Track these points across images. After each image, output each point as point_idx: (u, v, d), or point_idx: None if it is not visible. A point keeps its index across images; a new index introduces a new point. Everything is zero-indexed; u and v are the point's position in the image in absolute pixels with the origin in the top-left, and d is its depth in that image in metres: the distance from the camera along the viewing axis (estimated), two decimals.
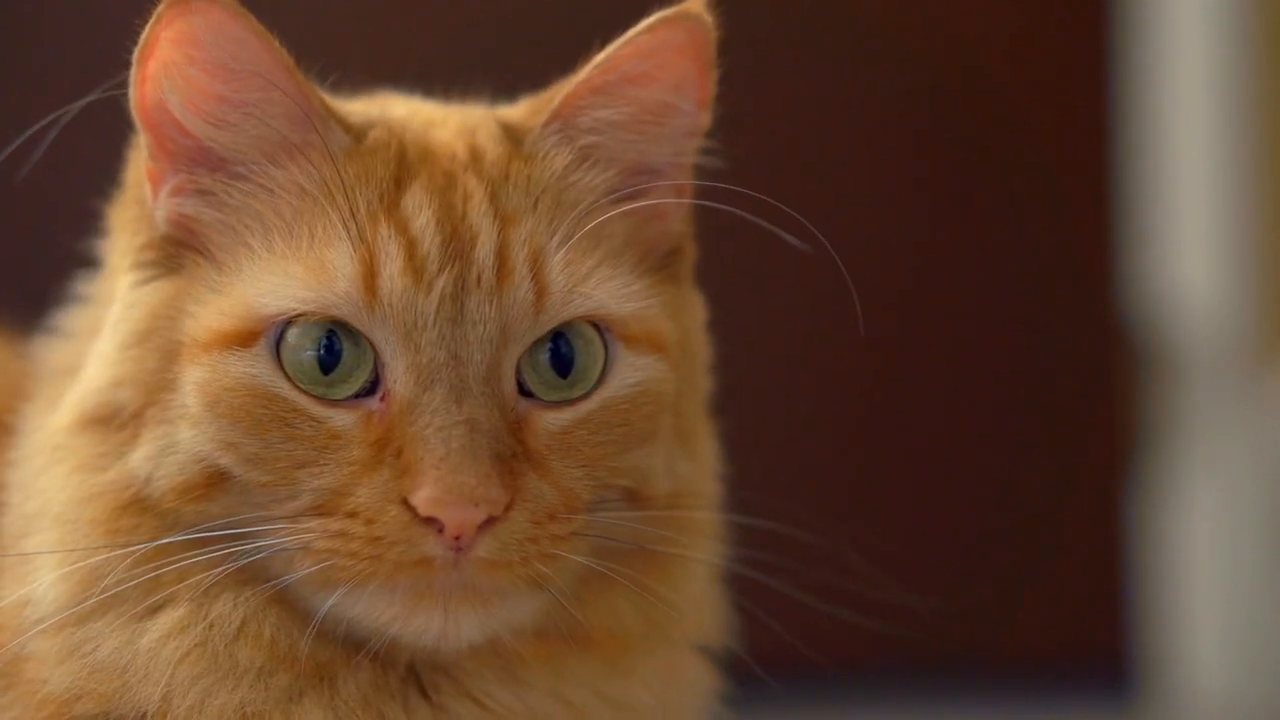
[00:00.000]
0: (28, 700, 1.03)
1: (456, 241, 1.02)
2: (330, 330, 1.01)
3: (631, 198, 1.07)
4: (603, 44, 1.07)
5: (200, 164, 1.05)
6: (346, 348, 1.02)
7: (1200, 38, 2.49)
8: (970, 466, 2.51)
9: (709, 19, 1.07)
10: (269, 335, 1.02)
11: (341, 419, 1.01)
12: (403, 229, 1.02)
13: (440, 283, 1.01)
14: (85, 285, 1.13)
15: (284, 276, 1.02)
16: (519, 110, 1.13)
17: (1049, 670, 2.47)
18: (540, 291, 1.02)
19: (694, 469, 1.11)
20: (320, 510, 1.00)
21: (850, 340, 2.45)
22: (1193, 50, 2.49)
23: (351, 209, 1.02)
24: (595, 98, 1.07)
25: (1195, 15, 2.49)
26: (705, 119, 1.09)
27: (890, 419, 2.50)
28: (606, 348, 1.05)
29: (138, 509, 1.04)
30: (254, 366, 1.01)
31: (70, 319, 1.13)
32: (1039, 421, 2.51)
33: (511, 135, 1.08)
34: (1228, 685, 2.45)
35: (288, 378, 1.01)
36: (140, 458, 1.04)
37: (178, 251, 1.06)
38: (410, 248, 1.01)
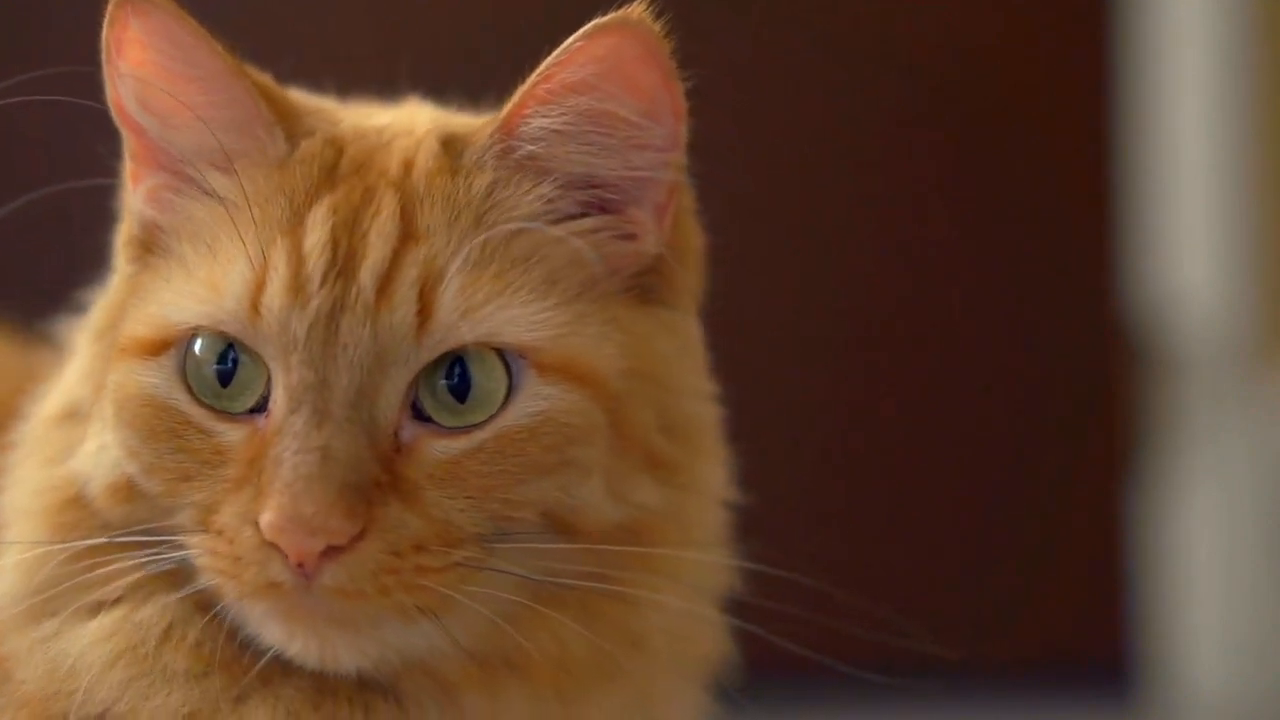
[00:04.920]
0: (12, 698, 1.03)
1: (348, 260, 0.99)
2: (230, 344, 1.00)
3: (575, 216, 1.03)
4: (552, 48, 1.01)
5: (161, 167, 1.05)
6: (244, 362, 1.00)
7: (1200, 38, 2.49)
8: (970, 466, 2.50)
9: (652, 24, 0.99)
10: (179, 346, 1.01)
11: (231, 435, 0.99)
12: (296, 245, 0.99)
13: (316, 302, 0.98)
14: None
15: (192, 286, 1.01)
16: (479, 120, 1.08)
17: (1049, 670, 2.47)
18: (425, 314, 0.98)
19: (670, 498, 1.04)
20: (198, 525, 0.99)
21: (849, 340, 2.46)
22: (1193, 50, 2.49)
23: (258, 222, 1.00)
24: (539, 107, 1.01)
25: (1195, 15, 2.49)
26: (663, 131, 1.02)
27: (889, 419, 2.49)
28: (511, 375, 0.99)
29: (78, 506, 1.03)
30: (156, 376, 1.01)
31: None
32: (1039, 422, 2.50)
33: (451, 148, 1.04)
34: (1228, 685, 2.44)
35: (188, 390, 1.00)
36: (83, 454, 1.04)
37: (141, 253, 1.06)
38: (298, 265, 0.99)
